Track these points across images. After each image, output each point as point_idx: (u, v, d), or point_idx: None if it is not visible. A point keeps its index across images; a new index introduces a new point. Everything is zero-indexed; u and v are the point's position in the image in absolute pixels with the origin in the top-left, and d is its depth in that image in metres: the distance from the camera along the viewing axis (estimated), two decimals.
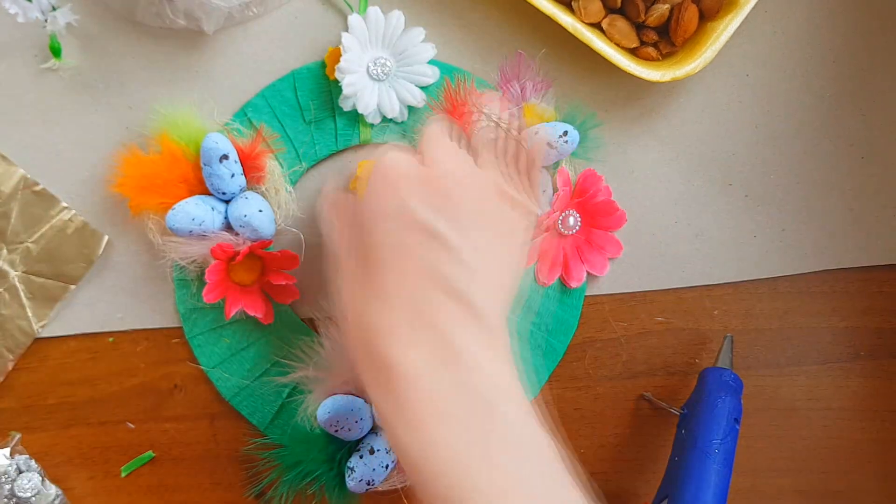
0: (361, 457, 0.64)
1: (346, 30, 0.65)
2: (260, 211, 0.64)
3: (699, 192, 0.70)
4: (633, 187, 0.70)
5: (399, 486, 0.66)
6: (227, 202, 0.65)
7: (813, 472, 0.71)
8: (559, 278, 0.69)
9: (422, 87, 0.67)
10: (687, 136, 0.70)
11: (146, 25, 0.67)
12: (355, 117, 0.68)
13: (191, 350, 0.69)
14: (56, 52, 0.66)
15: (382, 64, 0.66)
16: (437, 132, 0.56)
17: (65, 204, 0.68)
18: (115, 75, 0.68)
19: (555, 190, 0.66)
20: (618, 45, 0.66)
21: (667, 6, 0.65)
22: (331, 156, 0.68)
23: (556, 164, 0.67)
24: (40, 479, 0.67)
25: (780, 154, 0.70)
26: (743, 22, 0.64)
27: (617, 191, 0.69)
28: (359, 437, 0.64)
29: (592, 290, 0.70)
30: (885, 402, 0.71)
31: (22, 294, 0.68)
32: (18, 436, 0.69)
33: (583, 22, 0.65)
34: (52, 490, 0.67)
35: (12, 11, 0.62)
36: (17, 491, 0.66)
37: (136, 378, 0.69)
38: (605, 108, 0.69)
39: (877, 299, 0.71)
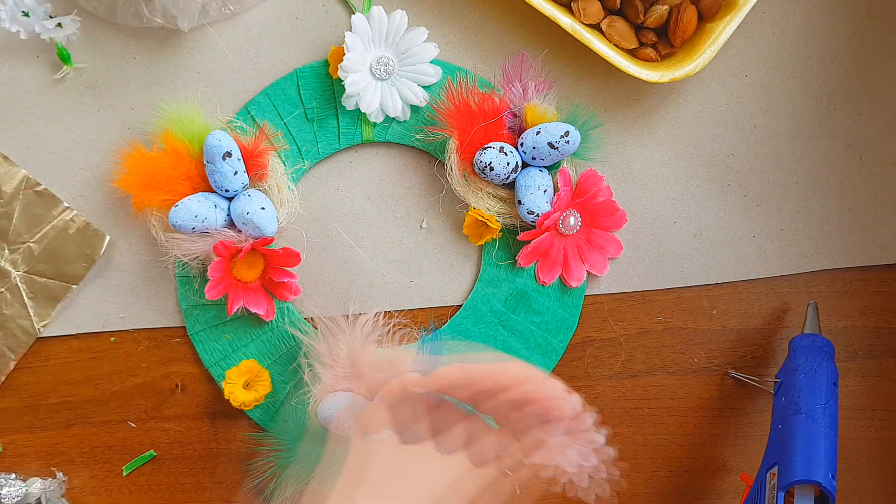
0: None
1: (350, 29, 0.66)
2: (262, 208, 0.64)
3: (698, 192, 0.70)
4: (631, 187, 0.70)
5: None
6: (229, 199, 0.65)
7: None
8: (559, 278, 0.69)
9: (424, 87, 0.68)
10: (686, 136, 0.70)
11: (127, 27, 0.67)
12: (358, 116, 0.68)
13: (192, 349, 0.69)
14: (65, 58, 0.66)
15: (385, 63, 0.66)
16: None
17: (66, 204, 0.68)
18: (116, 77, 0.68)
19: (556, 190, 0.67)
20: (617, 46, 0.66)
21: (665, 7, 0.65)
22: (333, 154, 0.69)
23: (558, 164, 0.67)
24: None
25: (779, 154, 0.70)
26: (742, 23, 0.65)
27: (616, 191, 0.69)
28: None
29: (592, 290, 0.70)
30: (883, 401, 0.71)
31: (24, 294, 0.68)
32: (64, 479, 0.69)
33: (582, 23, 0.66)
34: None
35: (13, 30, 0.64)
36: None
37: (138, 377, 0.69)
38: (604, 109, 0.70)
39: (875, 299, 0.71)
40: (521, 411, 0.51)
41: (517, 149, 0.66)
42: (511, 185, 0.67)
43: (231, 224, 0.65)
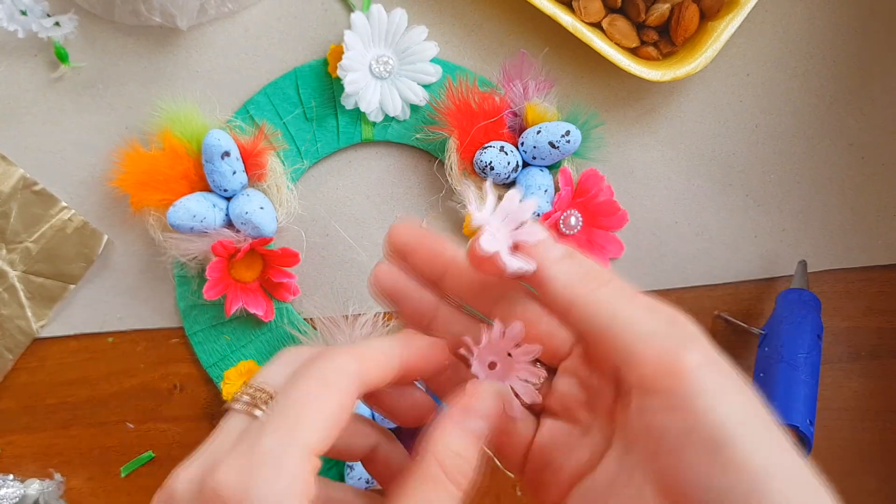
0: None
1: (349, 27, 0.65)
2: (261, 208, 0.63)
3: (700, 192, 0.70)
4: (633, 187, 0.70)
5: None
6: (228, 199, 0.65)
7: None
8: None
9: (424, 86, 0.67)
10: (687, 135, 0.70)
11: (125, 25, 0.67)
12: (357, 115, 0.68)
13: (190, 350, 0.69)
14: (63, 57, 0.66)
15: (385, 62, 0.66)
16: None
17: (64, 203, 0.68)
18: (114, 76, 0.68)
19: (556, 189, 0.67)
20: (618, 44, 0.66)
21: (667, 5, 0.65)
22: (333, 153, 0.69)
23: (558, 163, 0.67)
24: None
25: (781, 154, 0.70)
26: (743, 21, 0.64)
27: (617, 190, 0.69)
28: None
29: None
30: (886, 402, 0.71)
31: (21, 294, 0.68)
32: (62, 480, 0.69)
33: (583, 21, 0.65)
34: None
35: (11, 28, 0.64)
36: None
37: (136, 378, 0.69)
38: (605, 108, 0.69)
39: (878, 299, 0.71)
40: None
41: (518, 148, 0.66)
42: (511, 185, 0.67)
43: (229, 224, 0.65)
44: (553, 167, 0.67)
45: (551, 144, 0.64)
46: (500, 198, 0.41)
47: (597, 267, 0.40)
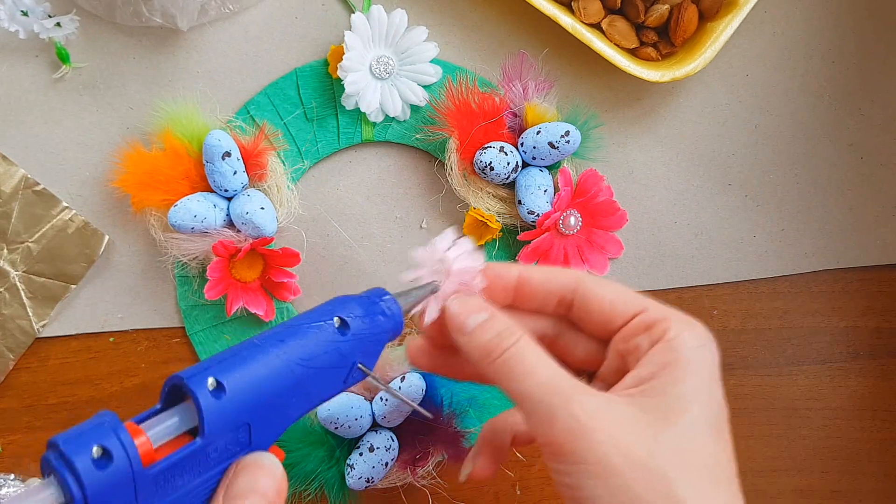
0: (361, 454, 0.63)
1: (349, 28, 0.66)
2: (262, 208, 0.64)
3: (699, 192, 0.70)
4: (632, 187, 0.70)
5: (398, 484, 0.66)
6: (229, 199, 0.65)
7: (812, 471, 0.71)
8: None
9: (424, 86, 0.68)
10: (686, 136, 0.70)
11: (126, 26, 0.67)
12: (358, 115, 0.68)
13: (191, 349, 0.69)
14: (64, 58, 0.66)
15: (385, 62, 0.66)
16: None
17: (65, 203, 0.68)
18: (115, 76, 0.68)
19: (556, 190, 0.67)
20: (617, 45, 0.66)
21: (666, 6, 0.65)
22: (333, 154, 0.69)
23: (558, 163, 0.67)
24: None
25: (780, 154, 0.70)
26: (742, 22, 0.64)
27: (617, 191, 0.69)
28: (359, 435, 0.64)
29: None
30: (884, 401, 0.71)
31: (22, 294, 0.68)
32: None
33: (583, 22, 0.66)
34: None
35: (12, 29, 0.64)
36: None
37: (137, 378, 0.69)
38: (605, 108, 0.70)
39: (876, 299, 0.71)
40: None
41: (517, 148, 0.66)
42: (511, 185, 0.67)
43: (230, 224, 0.65)
44: (553, 167, 0.67)
45: (551, 145, 0.65)
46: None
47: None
